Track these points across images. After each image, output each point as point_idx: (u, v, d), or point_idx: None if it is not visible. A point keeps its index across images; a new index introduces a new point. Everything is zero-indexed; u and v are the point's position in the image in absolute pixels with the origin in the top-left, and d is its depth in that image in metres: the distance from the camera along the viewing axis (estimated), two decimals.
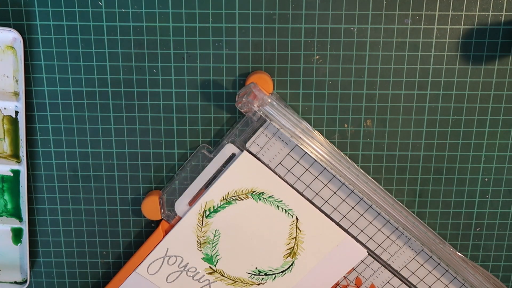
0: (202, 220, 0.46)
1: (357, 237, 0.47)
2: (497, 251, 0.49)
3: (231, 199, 0.45)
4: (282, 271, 0.48)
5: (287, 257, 0.47)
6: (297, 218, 0.46)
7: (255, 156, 0.44)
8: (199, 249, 0.47)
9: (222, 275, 0.48)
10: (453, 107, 0.45)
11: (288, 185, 0.45)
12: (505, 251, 0.49)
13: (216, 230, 0.46)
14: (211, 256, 0.47)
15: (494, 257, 0.49)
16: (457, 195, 0.47)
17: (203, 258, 0.48)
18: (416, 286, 0.48)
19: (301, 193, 0.45)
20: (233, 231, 0.46)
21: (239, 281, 0.48)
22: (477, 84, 0.45)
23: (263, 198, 0.45)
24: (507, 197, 0.48)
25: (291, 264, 0.47)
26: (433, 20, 0.43)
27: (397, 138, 0.46)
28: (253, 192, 0.45)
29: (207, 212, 0.46)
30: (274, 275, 0.48)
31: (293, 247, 0.47)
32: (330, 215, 0.46)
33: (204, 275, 0.48)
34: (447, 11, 0.43)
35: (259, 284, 0.48)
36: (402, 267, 0.48)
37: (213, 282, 0.48)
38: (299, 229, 0.46)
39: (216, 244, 0.47)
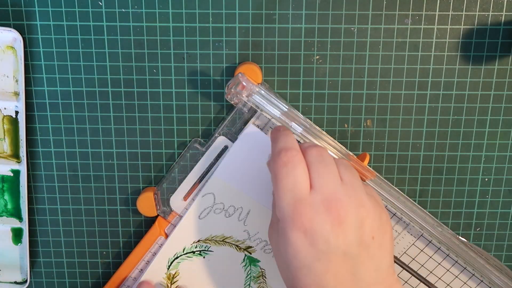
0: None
1: None
2: (497, 251, 0.49)
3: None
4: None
5: None
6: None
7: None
8: None
9: None
10: (453, 107, 0.45)
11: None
12: (505, 251, 0.49)
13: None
14: None
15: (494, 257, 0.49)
16: (457, 195, 0.47)
17: None
18: (417, 271, 0.48)
19: None
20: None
21: None
22: (477, 84, 0.45)
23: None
24: (507, 197, 0.47)
25: None
26: (433, 20, 0.43)
27: (397, 138, 0.46)
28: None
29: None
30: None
31: None
32: None
33: None
34: (447, 11, 0.43)
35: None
36: (402, 253, 0.47)
37: None
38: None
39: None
